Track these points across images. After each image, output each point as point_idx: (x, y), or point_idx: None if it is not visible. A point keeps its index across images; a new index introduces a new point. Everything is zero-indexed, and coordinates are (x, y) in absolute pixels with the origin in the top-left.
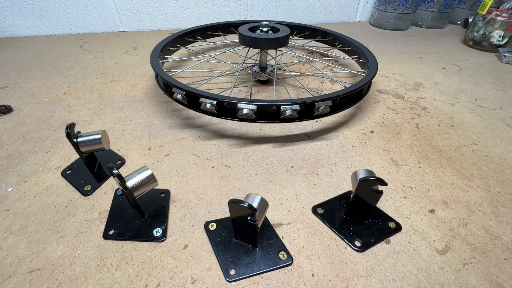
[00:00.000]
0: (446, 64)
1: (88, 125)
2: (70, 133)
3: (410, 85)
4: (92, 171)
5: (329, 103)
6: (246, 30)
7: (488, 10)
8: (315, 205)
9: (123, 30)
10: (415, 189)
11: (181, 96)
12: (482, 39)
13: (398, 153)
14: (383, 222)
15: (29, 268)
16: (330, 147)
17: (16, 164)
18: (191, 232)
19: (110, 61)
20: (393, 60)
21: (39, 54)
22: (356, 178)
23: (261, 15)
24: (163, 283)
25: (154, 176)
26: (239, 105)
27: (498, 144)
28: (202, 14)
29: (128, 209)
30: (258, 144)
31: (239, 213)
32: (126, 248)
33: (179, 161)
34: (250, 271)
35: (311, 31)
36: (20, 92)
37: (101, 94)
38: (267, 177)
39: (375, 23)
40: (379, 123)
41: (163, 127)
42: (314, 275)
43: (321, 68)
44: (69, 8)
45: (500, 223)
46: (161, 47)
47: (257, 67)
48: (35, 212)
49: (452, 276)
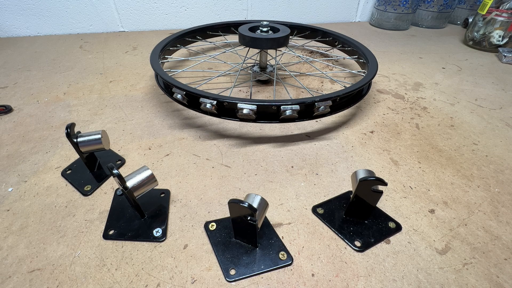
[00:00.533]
0: (446, 64)
1: (88, 125)
2: (70, 133)
3: (410, 85)
4: (92, 171)
5: (329, 103)
6: (246, 30)
7: (488, 10)
8: (315, 205)
9: (123, 30)
10: (415, 189)
11: (181, 96)
12: (482, 39)
13: (398, 153)
14: (383, 222)
15: (29, 268)
16: (330, 147)
17: (16, 164)
18: (191, 232)
19: (110, 61)
20: (393, 60)
21: (39, 54)
22: (356, 178)
23: (261, 15)
24: (163, 283)
25: (154, 176)
26: (239, 105)
27: (498, 144)
28: (202, 14)
29: (128, 209)
30: (258, 144)
31: (239, 213)
32: (126, 248)
33: (179, 161)
34: (250, 271)
35: (311, 31)
36: (20, 92)
37: (101, 94)
38: (267, 177)
39: (375, 23)
40: (379, 123)
41: (163, 127)
42: (314, 275)
43: (321, 68)
44: (69, 8)
45: (500, 223)
46: (161, 47)
47: (257, 67)
48: (35, 212)
49: (452, 276)
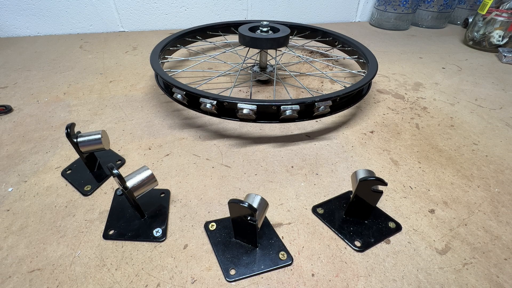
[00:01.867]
0: (446, 64)
1: (88, 125)
2: (70, 133)
3: (410, 85)
4: (92, 171)
5: (329, 103)
6: (246, 30)
7: (488, 10)
8: (315, 205)
9: (123, 30)
10: (415, 189)
11: (181, 96)
12: (482, 39)
13: (398, 153)
14: (383, 222)
15: (29, 268)
16: (330, 147)
17: (16, 164)
18: (191, 232)
19: (110, 61)
20: (393, 60)
21: (39, 54)
22: (356, 178)
23: (261, 15)
24: (163, 283)
25: (154, 176)
26: (239, 105)
27: (498, 144)
28: (202, 14)
29: (128, 209)
30: (258, 144)
31: (239, 213)
32: (126, 248)
33: (179, 161)
34: (250, 271)
35: (311, 31)
36: (20, 92)
37: (101, 94)
38: (267, 177)
39: (375, 23)
40: (379, 123)
41: (163, 127)
42: (314, 275)
43: (321, 68)
44: (69, 8)
45: (500, 223)
46: (161, 47)
47: (257, 67)
48: (35, 212)
49: (452, 276)
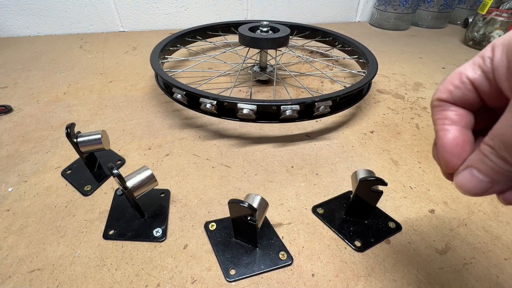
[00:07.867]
0: (446, 64)
1: (88, 125)
2: (70, 133)
3: (410, 85)
4: (92, 171)
5: (329, 103)
6: (246, 30)
7: (488, 10)
8: (315, 205)
9: (123, 30)
10: (415, 189)
11: (181, 96)
12: (482, 39)
13: (398, 153)
14: (383, 222)
15: (29, 268)
16: (330, 147)
17: (16, 164)
18: (191, 232)
19: (110, 61)
20: (393, 60)
21: (39, 54)
22: (356, 178)
23: (261, 15)
24: (163, 283)
25: (154, 176)
26: (239, 105)
27: None
28: (202, 14)
29: (128, 209)
30: (258, 144)
31: (239, 213)
32: (126, 248)
33: (179, 161)
34: (250, 271)
35: (311, 31)
36: (20, 92)
37: (101, 94)
38: (267, 177)
39: (375, 23)
40: (379, 123)
41: (163, 127)
42: (314, 275)
43: (321, 68)
44: (69, 8)
45: (500, 223)
46: (161, 47)
47: (257, 67)
48: (35, 212)
49: (452, 276)
